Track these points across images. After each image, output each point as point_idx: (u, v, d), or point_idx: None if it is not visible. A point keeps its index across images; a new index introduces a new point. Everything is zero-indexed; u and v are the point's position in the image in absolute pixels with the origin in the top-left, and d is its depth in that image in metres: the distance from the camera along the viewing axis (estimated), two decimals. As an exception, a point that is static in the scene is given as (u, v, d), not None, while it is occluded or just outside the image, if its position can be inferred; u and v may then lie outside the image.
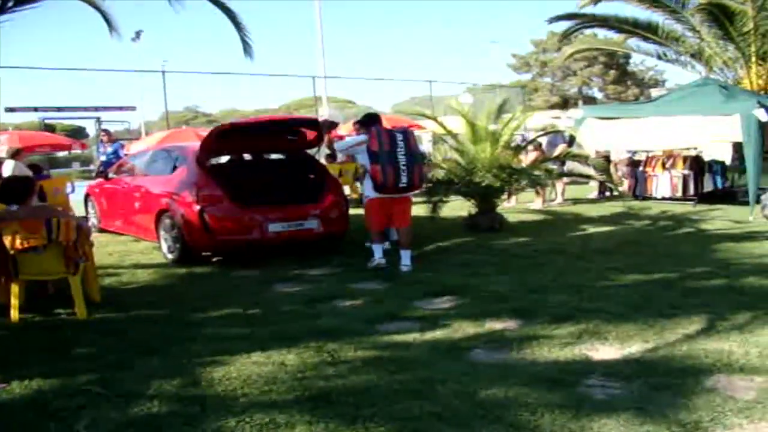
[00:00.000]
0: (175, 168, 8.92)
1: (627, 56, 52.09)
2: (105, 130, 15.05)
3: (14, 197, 5.90)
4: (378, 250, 7.76)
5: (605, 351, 4.72)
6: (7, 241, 5.53)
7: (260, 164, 9.82)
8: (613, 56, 50.97)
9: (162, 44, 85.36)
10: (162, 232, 8.65)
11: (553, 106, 44.25)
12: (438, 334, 5.22)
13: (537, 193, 13.21)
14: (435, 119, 11.00)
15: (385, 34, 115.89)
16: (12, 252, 5.58)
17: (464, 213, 10.77)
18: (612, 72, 51.73)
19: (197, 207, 8.03)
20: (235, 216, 8.17)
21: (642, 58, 50.82)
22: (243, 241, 8.23)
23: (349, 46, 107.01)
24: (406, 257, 7.67)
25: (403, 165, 7.27)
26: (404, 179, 7.30)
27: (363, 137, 7.69)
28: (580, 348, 4.77)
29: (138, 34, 39.95)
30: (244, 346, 4.90)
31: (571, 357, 4.62)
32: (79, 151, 25.32)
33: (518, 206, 13.54)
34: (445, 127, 10.76)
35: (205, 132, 15.35)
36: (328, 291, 6.75)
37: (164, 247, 8.64)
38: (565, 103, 48.36)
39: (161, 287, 7.25)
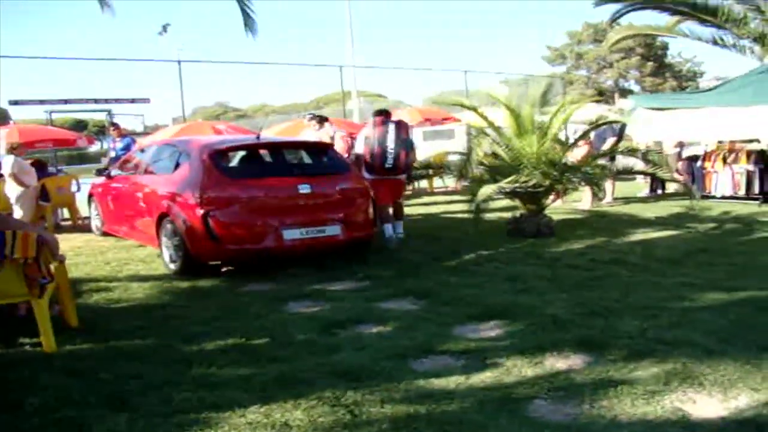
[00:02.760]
0: (178, 165, 7.84)
1: (665, 48, 50.86)
2: (114, 124, 14.00)
3: None
4: (388, 229, 8.63)
5: (705, 404, 3.60)
6: (-48, 258, 4.46)
7: (276, 161, 8.61)
8: (651, 48, 50.03)
9: (191, 41, 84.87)
10: (163, 239, 7.59)
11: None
12: (487, 376, 4.10)
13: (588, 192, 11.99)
14: (475, 109, 9.83)
15: (416, 26, 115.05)
16: (-41, 271, 4.52)
17: (508, 215, 9.61)
18: (649, 64, 50.91)
19: (201, 211, 6.96)
20: (245, 221, 7.10)
21: (679, 49, 50.58)
22: (255, 251, 7.15)
23: (380, 37, 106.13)
24: (398, 227, 8.96)
25: (390, 149, 8.33)
26: (390, 161, 8.35)
27: (365, 129, 8.79)
28: (672, 399, 3.66)
29: (165, 27, 39.36)
30: (240, 396, 3.80)
31: (662, 413, 3.50)
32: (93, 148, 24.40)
33: (564, 206, 12.30)
34: (486, 119, 9.59)
35: (222, 125, 14.49)
36: (351, 312, 5.64)
37: (166, 256, 7.58)
38: (600, 96, 47.01)
39: (154, 307, 6.13)
